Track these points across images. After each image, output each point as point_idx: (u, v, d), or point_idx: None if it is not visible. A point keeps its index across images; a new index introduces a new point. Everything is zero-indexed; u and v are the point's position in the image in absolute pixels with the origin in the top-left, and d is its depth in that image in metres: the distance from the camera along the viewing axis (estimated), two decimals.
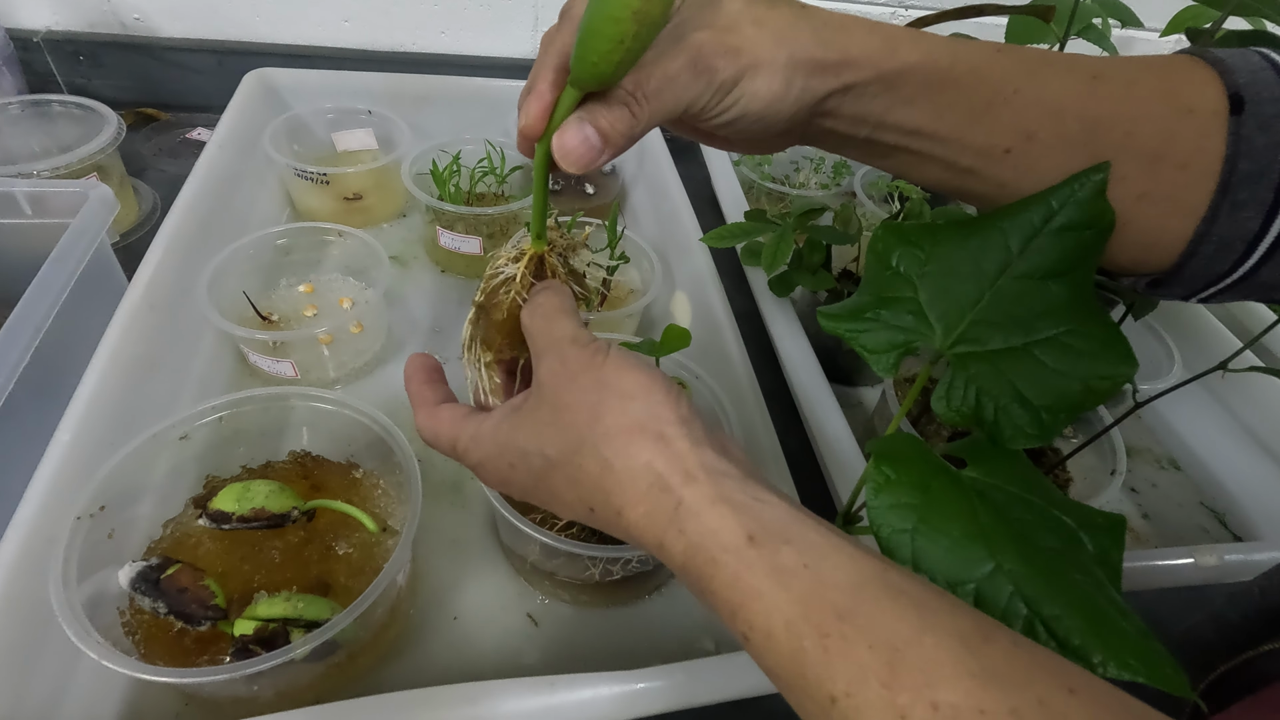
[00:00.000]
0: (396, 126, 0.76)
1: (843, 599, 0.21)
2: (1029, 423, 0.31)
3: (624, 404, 0.26)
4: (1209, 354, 0.48)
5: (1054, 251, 0.31)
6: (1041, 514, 0.28)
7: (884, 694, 0.19)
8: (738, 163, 0.81)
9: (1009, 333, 0.31)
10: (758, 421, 0.51)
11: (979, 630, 0.20)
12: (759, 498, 0.24)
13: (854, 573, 0.22)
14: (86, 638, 0.33)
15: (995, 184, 0.32)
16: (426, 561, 0.48)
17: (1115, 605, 0.25)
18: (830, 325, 0.34)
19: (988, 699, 0.19)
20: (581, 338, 0.29)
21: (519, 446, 0.29)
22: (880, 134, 0.32)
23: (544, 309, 0.31)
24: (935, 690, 0.19)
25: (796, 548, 0.23)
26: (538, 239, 0.34)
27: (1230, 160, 0.28)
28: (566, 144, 0.27)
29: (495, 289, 0.34)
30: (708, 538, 0.24)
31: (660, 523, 0.25)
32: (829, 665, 0.21)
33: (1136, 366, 0.31)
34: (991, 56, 0.31)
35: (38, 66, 0.84)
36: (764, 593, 0.22)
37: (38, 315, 0.46)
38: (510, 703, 0.34)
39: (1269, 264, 0.29)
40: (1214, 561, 0.46)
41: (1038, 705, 0.19)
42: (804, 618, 0.21)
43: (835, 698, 0.20)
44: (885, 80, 0.30)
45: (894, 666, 0.20)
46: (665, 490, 0.25)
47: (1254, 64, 0.29)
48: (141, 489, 0.43)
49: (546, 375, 0.29)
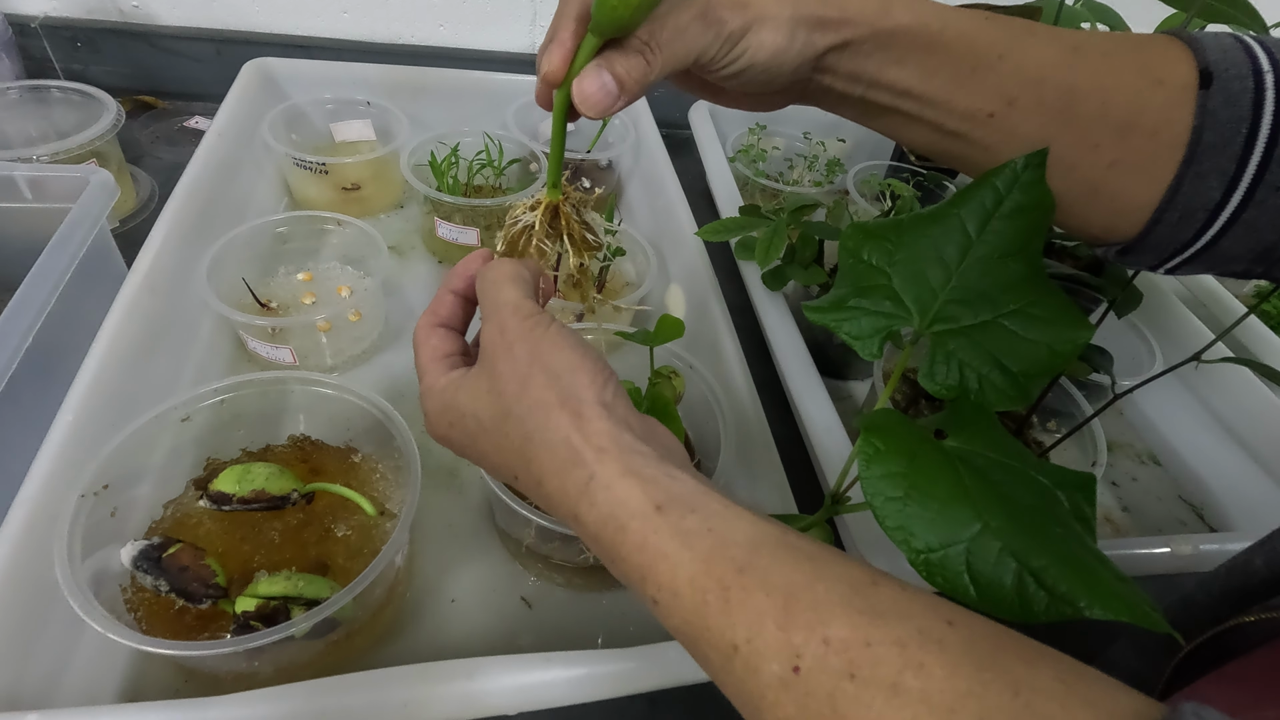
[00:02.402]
0: (395, 118, 0.77)
1: (742, 555, 0.23)
2: (1010, 386, 0.33)
3: (550, 380, 0.27)
4: (1189, 351, 0.49)
5: (1008, 232, 0.34)
6: (1020, 475, 0.29)
7: (780, 635, 0.21)
8: (732, 159, 0.82)
9: (978, 308, 0.34)
10: (750, 411, 0.52)
11: (868, 577, 0.22)
12: (669, 474, 0.26)
13: (754, 534, 0.23)
14: (92, 611, 0.34)
15: (980, 147, 0.34)
16: (423, 544, 0.49)
17: (1093, 554, 0.27)
18: (816, 317, 0.36)
19: (874, 632, 0.20)
20: (524, 308, 0.30)
21: (458, 407, 0.30)
22: (873, 94, 0.34)
23: (493, 276, 0.31)
24: (827, 627, 0.21)
25: (701, 515, 0.24)
26: (553, 188, 0.35)
27: (1196, 131, 0.30)
28: (586, 89, 0.29)
29: (515, 238, 0.35)
30: (617, 507, 0.25)
31: (574, 494, 0.26)
32: (729, 615, 0.22)
33: (1092, 331, 0.34)
34: (980, 24, 0.32)
35: (35, 52, 0.84)
36: (669, 554, 0.23)
37: (40, 298, 0.46)
38: (505, 678, 0.35)
39: (1229, 234, 0.31)
40: (1189, 551, 0.48)
41: (918, 634, 0.20)
42: (706, 573, 0.23)
43: (736, 645, 0.22)
44: (879, 38, 0.32)
45: (789, 609, 0.21)
46: (579, 464, 0.26)
47: (1225, 44, 0.30)
48: (143, 469, 0.44)
49: (486, 342, 0.30)
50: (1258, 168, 0.29)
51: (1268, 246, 0.31)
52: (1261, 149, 0.29)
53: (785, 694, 0.21)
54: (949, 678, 0.19)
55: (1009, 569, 0.26)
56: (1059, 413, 0.59)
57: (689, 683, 0.37)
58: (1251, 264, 0.32)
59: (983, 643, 0.20)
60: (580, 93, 0.29)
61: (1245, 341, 0.68)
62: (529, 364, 0.28)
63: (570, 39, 0.30)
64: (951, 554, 0.27)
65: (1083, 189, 0.33)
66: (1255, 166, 0.29)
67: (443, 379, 0.31)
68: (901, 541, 0.27)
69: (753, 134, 0.87)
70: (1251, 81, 0.29)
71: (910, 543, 0.27)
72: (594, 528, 0.25)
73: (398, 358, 0.62)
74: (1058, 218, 0.34)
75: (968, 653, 0.20)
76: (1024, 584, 0.26)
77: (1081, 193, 0.33)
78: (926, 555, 0.27)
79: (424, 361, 0.33)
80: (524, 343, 0.28)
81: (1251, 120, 0.29)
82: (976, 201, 0.34)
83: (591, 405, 0.27)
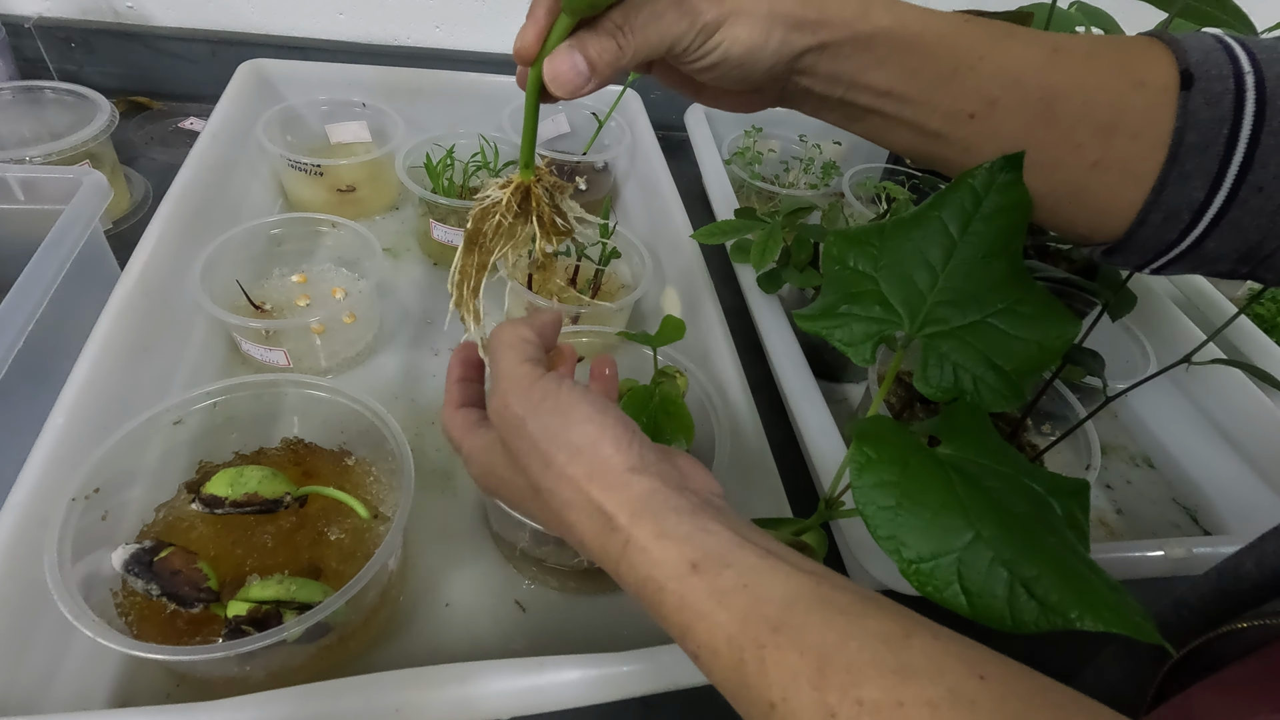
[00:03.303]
0: (390, 119, 0.76)
1: (777, 613, 0.23)
2: (1003, 386, 0.33)
3: (572, 456, 0.28)
4: (1182, 354, 0.50)
5: (989, 233, 0.34)
6: (1013, 483, 0.29)
7: (815, 695, 0.21)
8: (728, 161, 0.82)
9: (966, 309, 0.34)
10: (745, 414, 0.52)
11: (901, 629, 0.22)
12: (704, 528, 0.26)
13: (788, 589, 0.24)
14: (82, 615, 0.34)
15: (961, 148, 0.34)
16: (417, 548, 0.49)
17: (1086, 563, 0.26)
18: (807, 325, 0.36)
19: (906, 692, 0.20)
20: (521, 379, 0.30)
21: (499, 474, 0.32)
22: (854, 95, 0.34)
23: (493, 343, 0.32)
24: (860, 688, 0.21)
25: (736, 570, 0.24)
26: (525, 168, 0.34)
27: (1179, 132, 0.30)
28: (557, 68, 0.30)
29: (482, 215, 0.34)
30: (654, 569, 0.25)
31: (613, 557, 0.27)
32: (765, 674, 0.22)
33: (1079, 326, 0.34)
34: (960, 25, 0.32)
35: (28, 53, 0.84)
36: (707, 614, 0.24)
37: (31, 300, 0.46)
38: (499, 682, 0.35)
39: (1214, 234, 0.31)
40: (1182, 554, 0.48)
41: (949, 695, 0.20)
42: (743, 633, 0.23)
43: (774, 703, 0.22)
44: (859, 41, 0.32)
45: (823, 670, 0.21)
46: (614, 530, 0.27)
47: (1207, 44, 0.30)
48: (135, 473, 0.44)
49: (493, 416, 0.31)
50: (1240, 168, 0.29)
51: (1252, 246, 0.31)
52: (1244, 149, 0.29)
53: None
54: None
55: (1000, 579, 0.26)
56: (1053, 415, 0.59)
57: (684, 686, 0.37)
58: (1237, 264, 0.32)
59: (1015, 701, 0.20)
60: (551, 71, 0.30)
61: (1238, 344, 0.68)
62: (547, 442, 0.28)
63: (544, 16, 0.30)
64: (943, 564, 0.26)
65: (1067, 189, 0.33)
66: (1238, 166, 0.29)
67: (479, 441, 0.33)
68: (893, 551, 0.27)
69: (748, 136, 0.87)
70: (1232, 82, 0.29)
71: (901, 552, 0.27)
72: (634, 588, 0.26)
73: (392, 360, 0.62)
74: (1042, 218, 0.34)
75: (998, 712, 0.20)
76: (1015, 594, 0.25)
77: (1065, 193, 0.33)
78: (918, 565, 0.27)
79: (456, 438, 0.34)
80: (534, 418, 0.29)
81: (1233, 121, 0.29)
82: (956, 204, 0.34)
83: (619, 474, 0.27)
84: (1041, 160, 0.32)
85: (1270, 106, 0.29)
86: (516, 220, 0.34)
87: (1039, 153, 0.32)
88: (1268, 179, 0.29)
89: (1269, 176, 0.29)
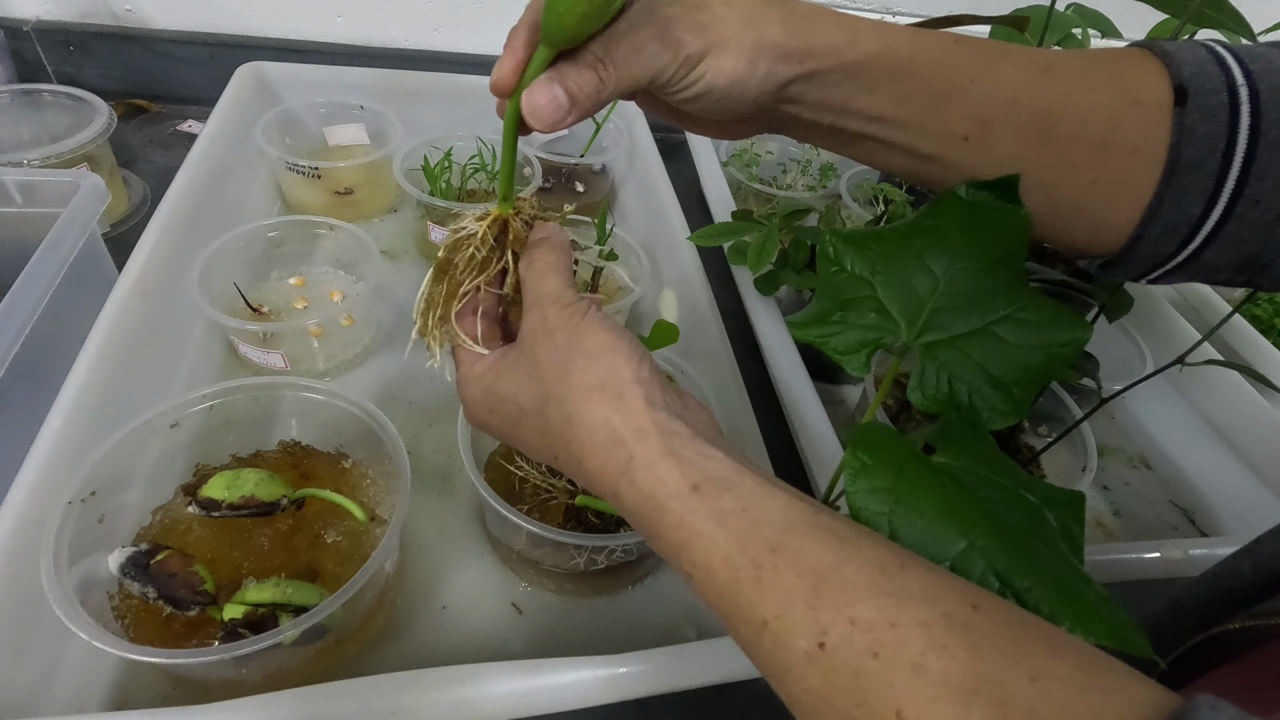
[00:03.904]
0: (388, 122, 0.77)
1: (775, 535, 0.23)
2: (1001, 401, 0.32)
3: (589, 363, 0.28)
4: (1178, 355, 0.50)
5: (992, 242, 0.33)
6: (1008, 493, 0.29)
7: (809, 613, 0.22)
8: (726, 163, 0.83)
9: (968, 316, 0.33)
10: (741, 416, 0.52)
11: (896, 559, 0.23)
12: (705, 453, 0.26)
13: (787, 514, 0.24)
14: (77, 619, 0.34)
15: (956, 171, 0.33)
16: (414, 550, 0.49)
17: (1079, 575, 0.26)
18: (800, 334, 0.35)
19: (900, 614, 0.21)
20: (565, 297, 0.31)
21: (498, 393, 0.31)
22: (844, 121, 0.33)
23: (538, 265, 0.32)
24: (854, 608, 0.21)
25: (736, 494, 0.25)
26: (504, 200, 0.34)
27: (1174, 148, 0.30)
28: (535, 101, 0.29)
29: (455, 245, 0.34)
30: (656, 487, 0.26)
31: (614, 473, 0.27)
32: (761, 593, 0.23)
33: (1090, 329, 0.33)
34: (950, 48, 0.32)
35: (27, 56, 0.84)
36: (705, 532, 0.24)
37: (29, 303, 0.46)
38: (496, 685, 0.35)
39: (1212, 246, 0.31)
40: (1179, 555, 0.48)
41: (942, 617, 0.21)
42: (740, 552, 0.23)
43: (766, 620, 0.22)
44: (847, 69, 0.31)
45: (818, 589, 0.22)
46: (619, 444, 0.27)
47: (1200, 57, 0.30)
48: (132, 475, 0.44)
49: (528, 329, 0.31)
50: (1236, 182, 0.29)
51: (1250, 256, 0.31)
52: (1240, 163, 0.29)
53: (811, 668, 0.21)
54: (970, 660, 0.20)
55: (992, 588, 0.26)
56: (1050, 417, 0.59)
57: (680, 689, 0.37)
58: (1234, 273, 0.32)
59: (1006, 628, 0.21)
60: (529, 104, 0.29)
61: (1235, 345, 0.68)
62: (569, 349, 0.29)
63: (522, 48, 0.29)
64: None
65: (1064, 207, 0.33)
66: (1234, 181, 0.29)
67: (479, 365, 0.33)
68: None
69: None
70: (1226, 96, 0.29)
71: None
72: (633, 506, 0.26)
73: (390, 363, 0.62)
74: (1040, 233, 0.34)
75: (990, 637, 0.20)
76: None
77: (1063, 211, 0.33)
78: None
79: (460, 350, 0.34)
80: (563, 329, 0.30)
81: (1228, 135, 0.29)
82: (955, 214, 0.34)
83: (630, 384, 0.28)
84: (1038, 180, 0.32)
85: (1265, 119, 0.29)
86: (491, 253, 0.33)
87: (1035, 173, 0.32)
88: (1264, 191, 0.29)
89: (1266, 189, 0.29)
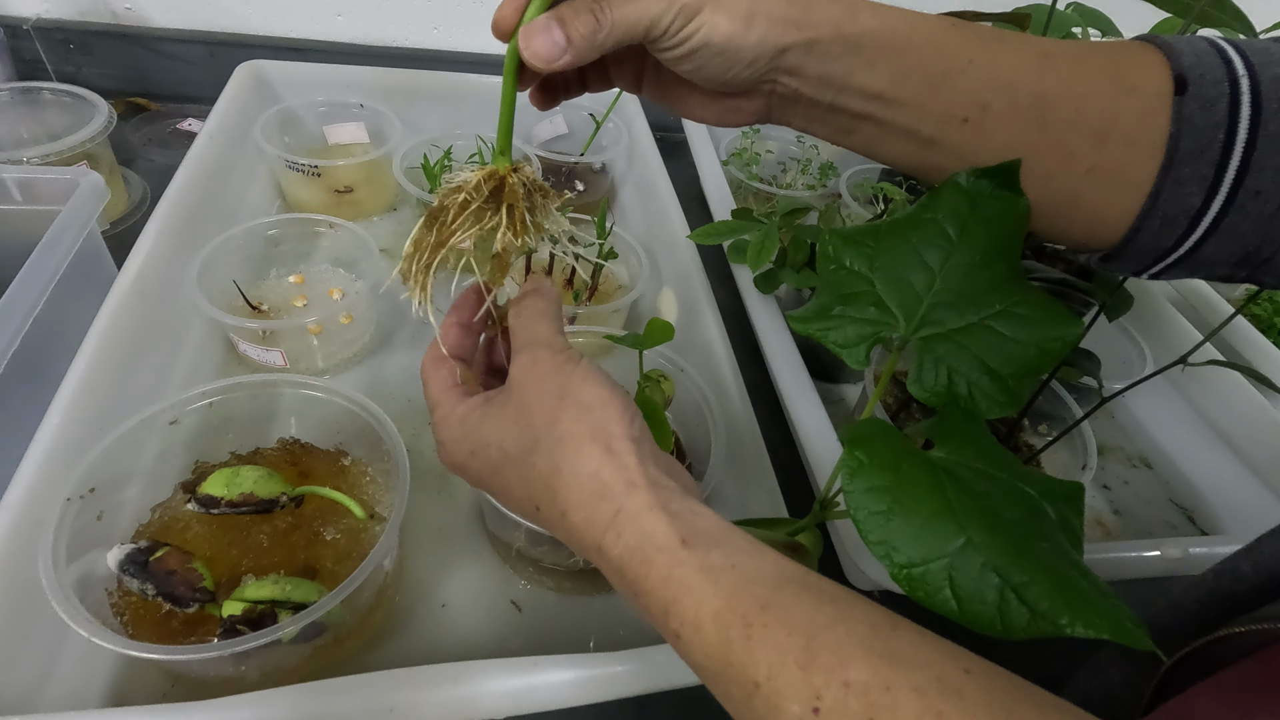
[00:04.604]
0: (388, 120, 0.77)
1: (765, 593, 0.23)
2: (999, 392, 0.33)
3: (581, 413, 0.28)
4: (1179, 354, 0.50)
5: (988, 236, 0.33)
6: (1006, 487, 0.29)
7: (801, 675, 0.21)
8: (726, 162, 0.83)
9: (964, 311, 0.33)
10: (741, 414, 0.52)
11: (888, 621, 0.22)
12: (693, 509, 0.26)
13: (777, 572, 0.24)
14: (76, 615, 0.34)
15: (956, 155, 0.33)
16: (413, 548, 0.49)
17: (1078, 568, 0.26)
18: (800, 327, 0.35)
19: (894, 677, 0.20)
20: (556, 344, 0.31)
21: (481, 436, 0.30)
22: (845, 99, 0.33)
23: (528, 311, 0.32)
24: (847, 670, 0.21)
25: (725, 550, 0.24)
26: (501, 154, 0.33)
27: (1173, 138, 0.30)
28: (533, 38, 0.29)
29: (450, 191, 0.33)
30: (644, 539, 0.25)
31: (600, 526, 0.26)
32: (752, 652, 0.22)
33: (1082, 326, 0.33)
34: (947, 29, 0.32)
35: (27, 54, 0.84)
36: (694, 588, 0.24)
37: (28, 300, 0.46)
38: (493, 682, 0.35)
39: (1211, 239, 0.31)
40: (1178, 554, 0.48)
41: (936, 682, 0.20)
42: (730, 609, 0.23)
43: (758, 682, 0.22)
44: (846, 41, 0.31)
45: (810, 651, 0.21)
46: (607, 497, 0.26)
47: (1200, 48, 0.30)
48: (131, 473, 0.44)
49: (517, 374, 0.30)
50: (1236, 173, 0.29)
51: (1250, 250, 0.31)
52: (1240, 154, 0.29)
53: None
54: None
55: (991, 585, 0.26)
56: (1050, 416, 0.59)
57: (679, 686, 0.37)
58: (1235, 268, 0.32)
59: (1000, 694, 0.20)
60: (526, 40, 0.29)
61: (1235, 344, 0.68)
62: (559, 397, 0.29)
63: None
64: (934, 569, 0.26)
65: (1062, 197, 0.33)
66: (1234, 172, 0.29)
67: (461, 407, 0.32)
68: (884, 556, 0.27)
69: (746, 138, 0.87)
70: (1227, 87, 0.29)
71: (893, 557, 0.27)
72: (618, 560, 0.26)
73: (389, 361, 0.62)
74: (1039, 225, 0.34)
75: (984, 704, 0.20)
76: (1006, 600, 0.25)
77: (1061, 201, 0.33)
78: (909, 570, 0.27)
79: (435, 392, 0.33)
80: (555, 376, 0.29)
81: (1228, 126, 0.29)
82: (952, 206, 0.34)
83: (621, 440, 0.27)
84: (1037, 167, 0.32)
85: (1266, 110, 0.29)
86: (485, 206, 0.32)
87: (1033, 160, 0.32)
88: (1264, 183, 0.29)
89: (1266, 181, 0.29)
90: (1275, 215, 0.29)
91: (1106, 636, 0.24)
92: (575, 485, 0.27)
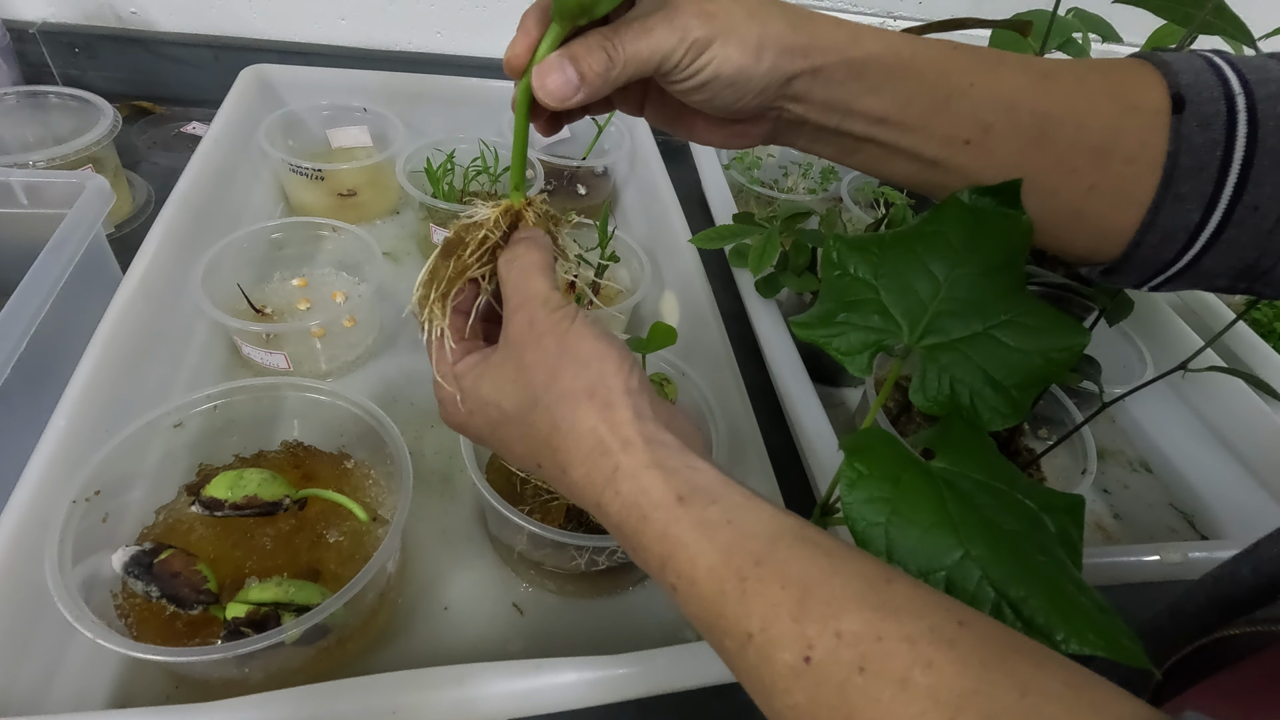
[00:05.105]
0: (391, 124, 0.77)
1: (760, 547, 0.23)
2: (1002, 403, 0.33)
3: (579, 370, 0.28)
4: (1180, 358, 0.50)
5: (993, 248, 0.34)
6: (1005, 499, 0.29)
7: (794, 626, 0.22)
8: (727, 166, 0.83)
9: (969, 320, 0.33)
10: (742, 418, 0.52)
11: (882, 573, 0.23)
12: (691, 465, 0.26)
13: (773, 527, 0.24)
14: (81, 617, 0.34)
15: (959, 176, 0.34)
16: (416, 550, 0.49)
17: (1075, 582, 0.26)
18: (804, 333, 0.35)
19: (886, 627, 0.21)
20: (552, 300, 0.30)
21: (480, 395, 0.31)
22: (849, 123, 0.33)
23: (521, 263, 0.32)
24: (840, 621, 0.21)
25: (721, 506, 0.25)
26: (516, 190, 0.33)
27: (1172, 155, 0.30)
28: (547, 78, 0.29)
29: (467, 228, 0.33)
30: (641, 497, 0.26)
31: (598, 483, 0.27)
32: (746, 604, 0.23)
33: (1088, 335, 0.33)
34: (948, 52, 0.33)
35: (33, 58, 0.84)
36: (689, 543, 0.24)
37: (34, 304, 0.46)
38: (496, 684, 0.35)
39: (1211, 253, 0.31)
40: (1178, 558, 0.48)
41: (929, 632, 0.21)
42: (725, 564, 0.23)
43: (751, 633, 0.22)
44: (851, 66, 0.32)
45: (803, 602, 0.22)
46: (605, 454, 0.27)
47: (1197, 66, 0.31)
48: (135, 475, 0.44)
49: (514, 332, 0.30)
50: (1235, 189, 0.29)
51: (1249, 263, 0.31)
52: (1237, 170, 0.29)
53: (796, 682, 0.21)
54: (957, 675, 0.20)
55: (988, 599, 0.26)
56: (1050, 420, 0.59)
57: (680, 689, 0.37)
58: (1234, 280, 0.32)
59: (993, 644, 0.21)
60: (540, 80, 0.30)
61: (1235, 349, 0.68)
62: (558, 355, 0.29)
63: (535, 27, 0.30)
64: (931, 581, 0.27)
65: (1064, 213, 0.33)
66: (1232, 187, 0.29)
67: (460, 365, 0.32)
68: None
69: None
70: (1224, 104, 0.29)
71: None
72: (617, 516, 0.26)
73: (392, 364, 0.62)
74: (1041, 240, 0.34)
75: (977, 652, 0.20)
76: (1002, 614, 0.26)
77: (1063, 217, 0.33)
78: None
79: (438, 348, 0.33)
80: (553, 334, 0.29)
81: (1226, 143, 0.29)
82: (957, 220, 0.34)
83: (619, 394, 0.28)
84: (1039, 185, 0.33)
85: (1263, 127, 0.29)
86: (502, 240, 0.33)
87: (1036, 178, 0.32)
88: (1263, 198, 0.29)
89: (1264, 196, 0.29)
90: (1273, 229, 0.30)
91: (1101, 654, 0.24)
92: (574, 442, 0.27)
